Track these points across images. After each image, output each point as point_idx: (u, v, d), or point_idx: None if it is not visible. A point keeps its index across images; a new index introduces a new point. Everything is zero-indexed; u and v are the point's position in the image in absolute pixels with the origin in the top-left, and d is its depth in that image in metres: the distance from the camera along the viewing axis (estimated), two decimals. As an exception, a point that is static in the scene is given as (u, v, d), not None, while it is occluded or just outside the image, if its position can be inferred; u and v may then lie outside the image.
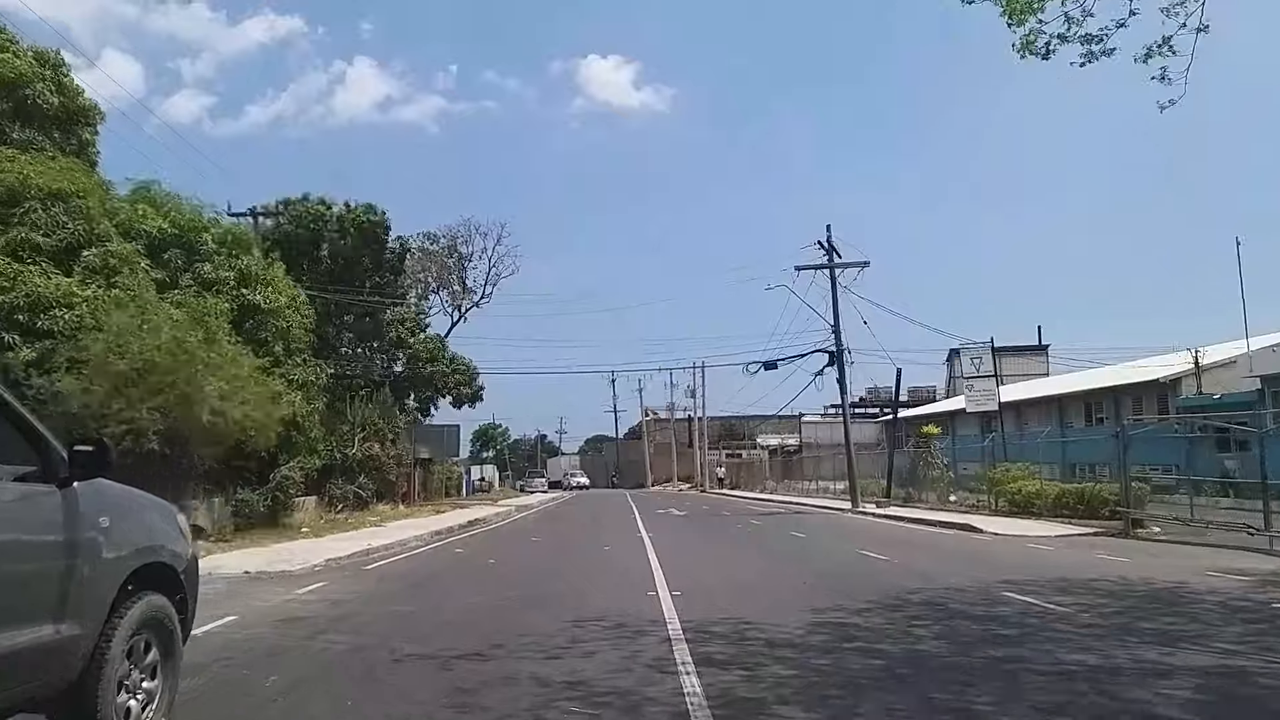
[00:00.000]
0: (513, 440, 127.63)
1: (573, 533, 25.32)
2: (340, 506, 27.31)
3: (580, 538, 23.05)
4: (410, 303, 40.97)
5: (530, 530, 25.91)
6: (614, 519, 31.23)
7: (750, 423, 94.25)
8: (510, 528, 27.39)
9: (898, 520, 26.45)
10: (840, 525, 26.24)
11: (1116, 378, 42.09)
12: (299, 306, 25.49)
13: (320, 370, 25.07)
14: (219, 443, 19.28)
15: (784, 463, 73.31)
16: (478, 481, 67.65)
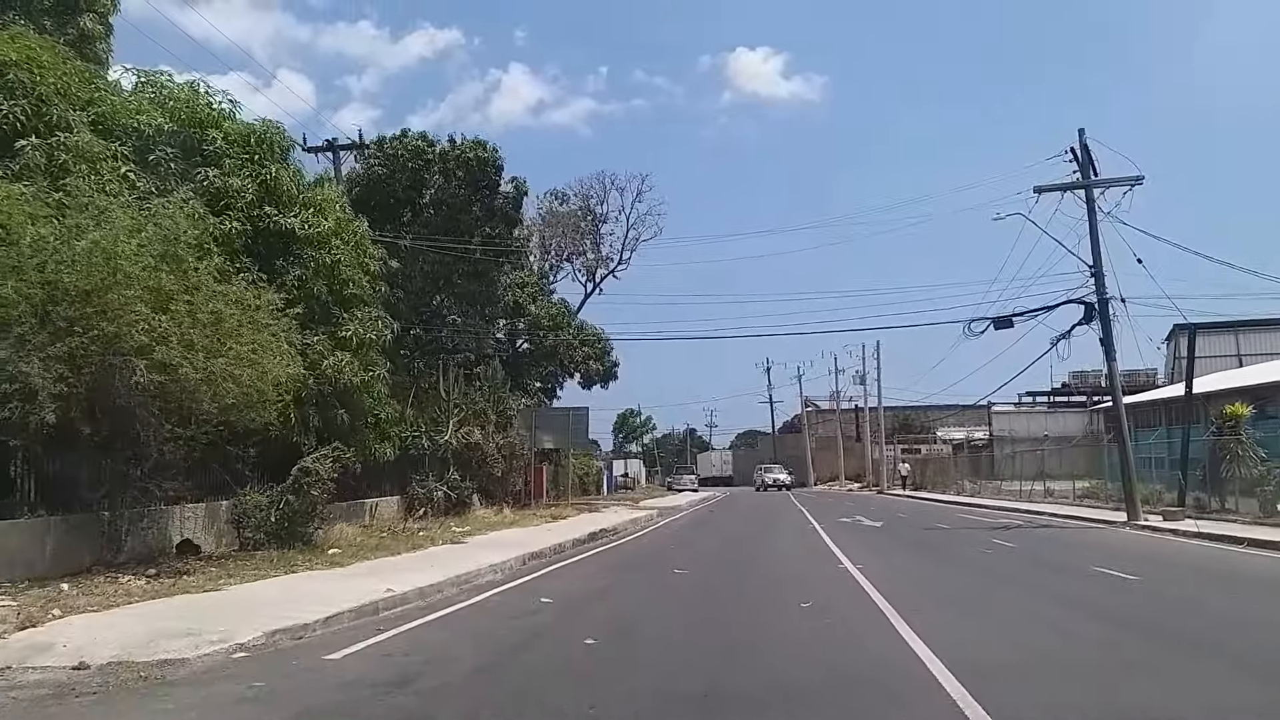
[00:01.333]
0: (659, 435, 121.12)
1: (734, 554, 17.55)
2: (422, 510, 20.43)
3: (747, 566, 15.28)
4: (531, 259, 34.16)
5: (672, 550, 18.23)
6: (786, 530, 23.28)
7: (928, 414, 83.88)
8: (645, 544, 19.86)
9: (1241, 546, 17.22)
10: (1157, 554, 17.28)
11: None
12: (359, 240, 18.74)
13: (383, 325, 18.21)
14: (209, 417, 12.51)
15: (971, 459, 63.10)
16: (620, 478, 60.77)
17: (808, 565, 15.16)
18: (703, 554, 17.38)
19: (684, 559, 16.24)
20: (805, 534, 22.23)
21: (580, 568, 14.87)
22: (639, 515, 27.30)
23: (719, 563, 16.03)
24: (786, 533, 22.85)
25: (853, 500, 45.63)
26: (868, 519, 27.55)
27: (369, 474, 20.00)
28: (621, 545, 18.79)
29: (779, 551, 18.14)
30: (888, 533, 22.80)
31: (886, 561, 15.58)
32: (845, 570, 13.90)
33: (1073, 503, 32.20)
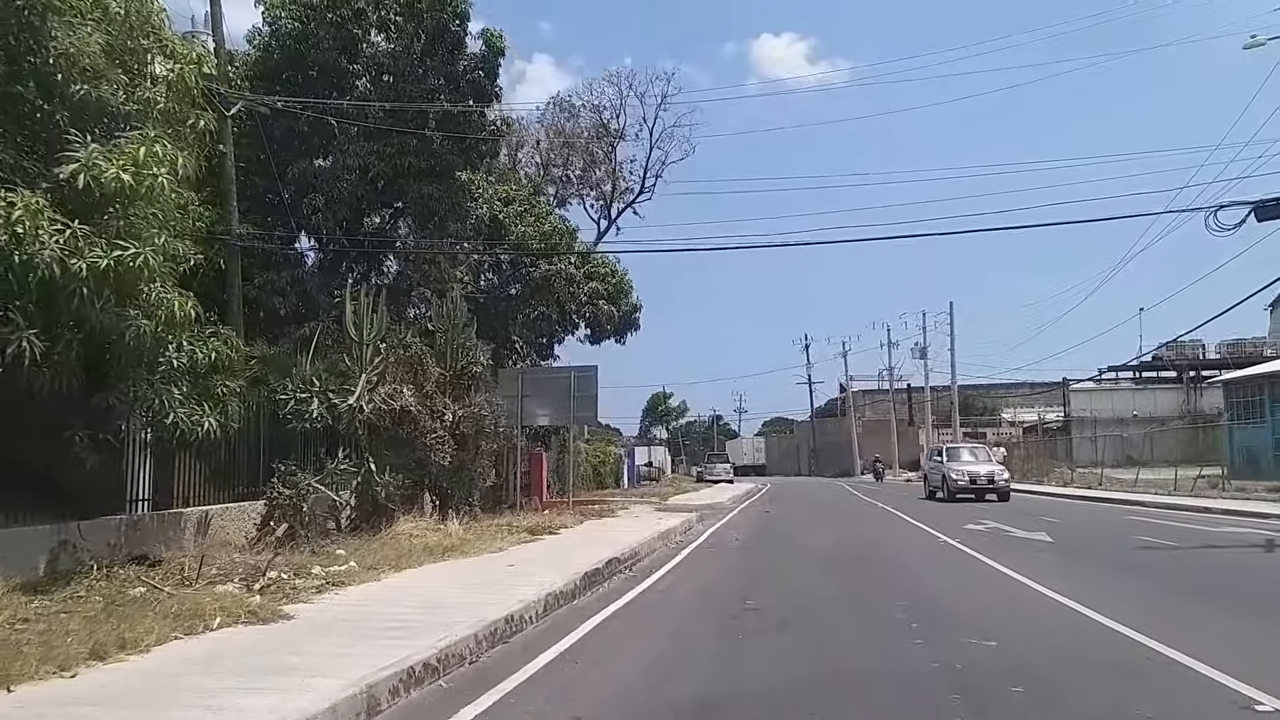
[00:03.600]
0: (684, 422, 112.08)
1: (882, 619, 8.17)
2: (284, 529, 11.28)
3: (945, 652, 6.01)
4: (514, 157, 25.01)
5: (767, 636, 8.73)
6: (915, 549, 14.01)
7: (990, 394, 74.19)
8: (690, 608, 10.11)
9: None
10: None
11: None
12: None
13: (182, 161, 9.09)
14: None
15: (1045, 444, 53.74)
16: (643, 468, 51.61)
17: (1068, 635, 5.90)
18: (832, 630, 8.08)
19: (804, 648, 6.99)
20: (961, 562, 12.97)
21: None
22: (670, 524, 18.06)
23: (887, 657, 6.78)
24: (925, 556, 13.62)
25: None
26: (1019, 529, 18.19)
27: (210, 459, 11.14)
28: (645, 613, 9.35)
29: (973, 601, 8.91)
30: (1092, 558, 13.49)
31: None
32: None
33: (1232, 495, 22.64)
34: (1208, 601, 9.47)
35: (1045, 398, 70.80)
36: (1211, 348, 63.39)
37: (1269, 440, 42.40)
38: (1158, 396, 63.46)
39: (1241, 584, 10.71)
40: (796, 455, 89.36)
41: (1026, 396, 72.06)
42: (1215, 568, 12.29)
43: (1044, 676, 6.11)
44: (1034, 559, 13.23)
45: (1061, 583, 10.27)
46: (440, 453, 14.43)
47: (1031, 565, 12.37)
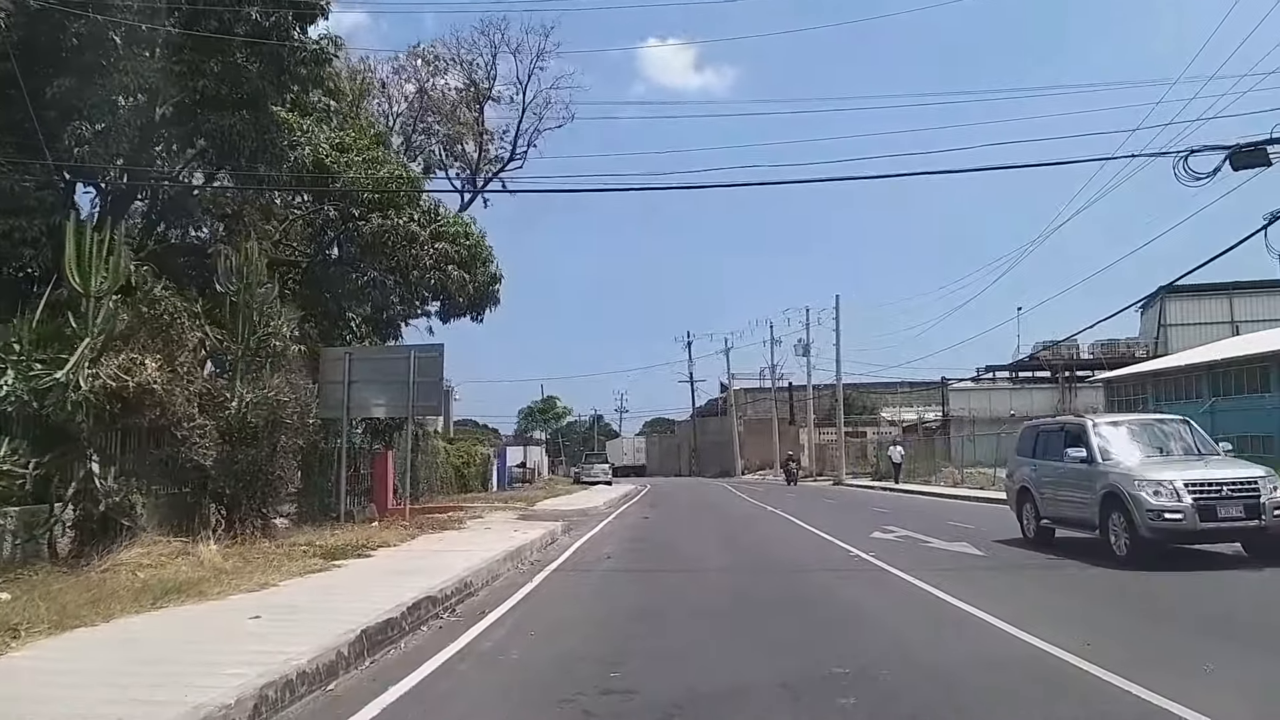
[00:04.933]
0: (564, 424, 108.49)
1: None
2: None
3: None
4: (354, 105, 21.04)
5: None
6: (839, 572, 10.89)
7: (870, 393, 73.40)
8: (519, 694, 6.25)
9: None
10: None
11: None
12: None
13: None
14: None
15: (926, 443, 52.69)
16: (517, 469, 47.80)
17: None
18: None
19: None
20: (890, 586, 9.97)
21: None
22: (528, 537, 14.58)
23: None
24: (850, 581, 10.55)
25: (829, 496, 33.82)
26: (934, 538, 15.50)
27: None
28: (441, 700, 5.73)
29: (956, 668, 5.75)
30: (1039, 577, 10.68)
31: None
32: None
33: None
34: (1230, 641, 6.65)
35: (924, 397, 70.49)
36: (1085, 348, 63.89)
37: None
38: (1034, 396, 63.56)
39: (1243, 611, 8.01)
40: (678, 455, 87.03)
41: (906, 396, 71.63)
42: (1194, 593, 9.64)
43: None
44: (981, 582, 10.37)
45: (1048, 626, 7.31)
46: (200, 449, 10.53)
47: (985, 593, 9.48)
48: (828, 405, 61.96)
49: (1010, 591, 9.80)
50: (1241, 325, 56.02)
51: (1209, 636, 7.13)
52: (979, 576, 10.94)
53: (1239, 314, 57.88)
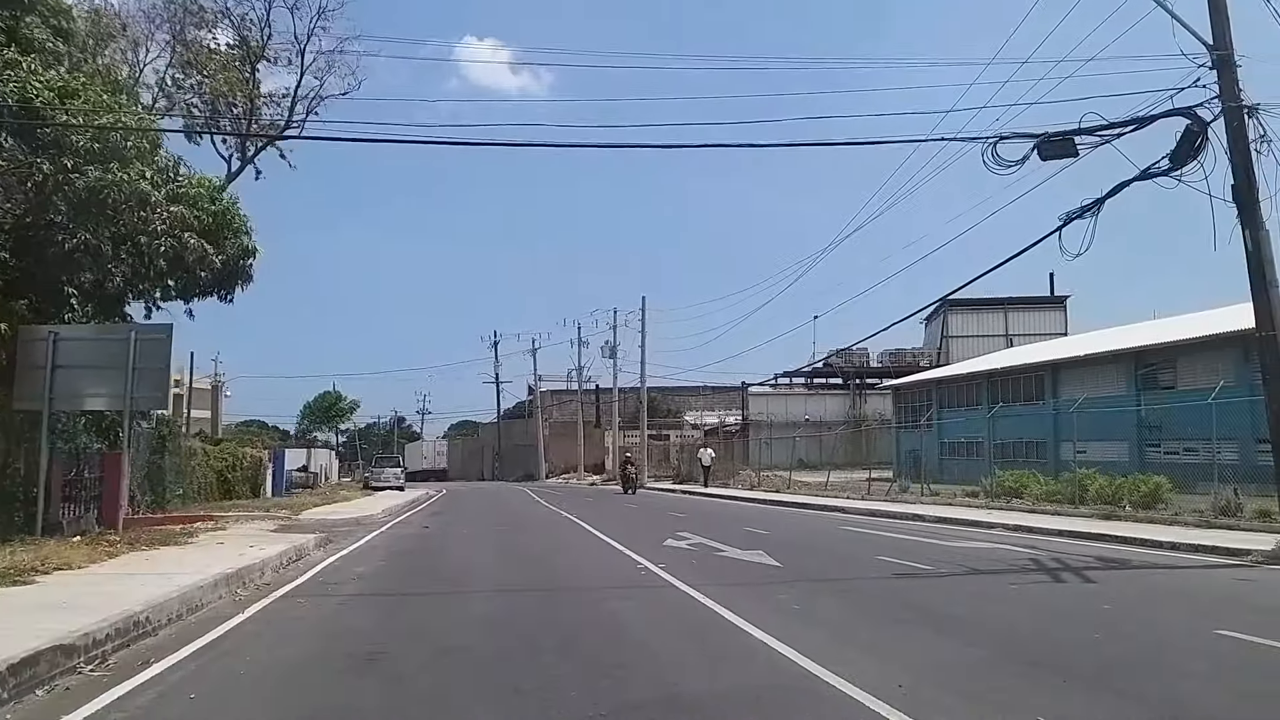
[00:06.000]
0: (363, 425, 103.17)
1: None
2: None
3: None
4: (90, 52, 17.81)
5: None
6: (624, 595, 9.40)
7: (675, 396, 73.64)
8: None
9: None
10: None
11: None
12: None
13: None
14: None
15: (727, 446, 53.09)
16: (297, 473, 43.99)
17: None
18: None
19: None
20: (682, 610, 8.59)
21: None
22: (268, 553, 12.29)
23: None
24: (629, 600, 9.09)
25: (631, 501, 32.74)
26: (731, 546, 14.43)
27: None
28: None
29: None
30: (845, 595, 9.63)
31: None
32: None
33: (944, 501, 21.01)
34: (1091, 680, 5.65)
35: (726, 400, 71.49)
36: (875, 356, 66.60)
37: (935, 443, 43.82)
38: (827, 402, 65.72)
39: (1086, 638, 7.14)
40: (481, 458, 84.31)
41: (709, 399, 72.38)
42: (1022, 608, 8.85)
43: None
44: (770, 598, 9.20)
45: (864, 660, 6.10)
46: None
47: (774, 611, 8.29)
48: (633, 408, 61.52)
49: (800, 608, 8.66)
50: (1015, 338, 60.06)
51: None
52: (769, 592, 9.79)
53: (1013, 328, 61.96)
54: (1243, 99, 11.88)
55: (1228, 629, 7.17)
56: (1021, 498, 21.63)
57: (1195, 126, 11.93)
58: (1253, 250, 11.80)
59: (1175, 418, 25.35)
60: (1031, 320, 62.18)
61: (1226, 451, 20.93)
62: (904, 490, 27.23)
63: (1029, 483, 21.90)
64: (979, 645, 6.92)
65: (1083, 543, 14.50)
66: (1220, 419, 18.39)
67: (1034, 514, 19.23)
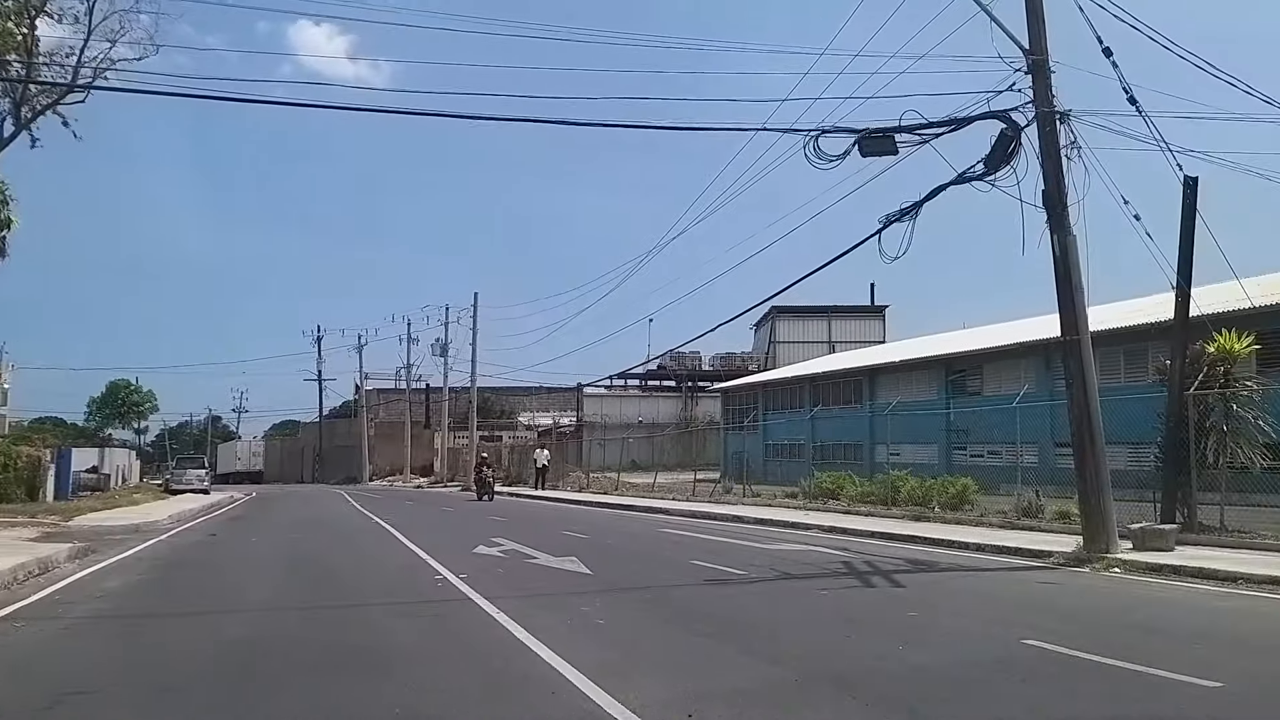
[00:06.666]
0: (175, 424, 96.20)
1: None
2: None
3: None
4: None
5: None
6: (402, 616, 8.39)
7: (509, 397, 72.25)
8: None
9: None
10: None
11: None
12: None
13: None
14: None
15: (560, 447, 52.43)
16: (87, 475, 40.01)
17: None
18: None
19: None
20: (480, 635, 7.70)
21: None
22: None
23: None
24: (427, 621, 8.11)
25: (449, 505, 31.37)
26: (544, 551, 13.62)
27: None
28: None
29: None
30: (648, 605, 8.98)
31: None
32: None
33: (768, 503, 21.14)
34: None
35: (561, 401, 70.73)
36: (707, 360, 67.49)
37: (760, 445, 44.57)
38: (660, 404, 66.00)
39: (891, 652, 6.74)
40: (301, 460, 79.92)
41: (543, 400, 71.40)
42: (829, 616, 8.44)
43: None
44: (574, 611, 8.44)
45: (655, 684, 5.42)
46: None
47: (574, 630, 7.55)
48: (466, 409, 59.73)
49: (603, 622, 7.95)
50: (838, 345, 62.19)
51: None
52: (572, 604, 9.05)
53: (836, 335, 64.15)
54: (1056, 104, 12.10)
55: (1035, 638, 6.93)
56: (838, 499, 21.88)
57: (1010, 131, 12.06)
58: (1060, 255, 12.02)
59: (981, 422, 26.43)
60: (853, 328, 64.57)
61: (1028, 455, 21.91)
62: (727, 491, 27.22)
63: (845, 484, 22.20)
64: (782, 663, 6.38)
65: (893, 544, 14.56)
66: (1023, 423, 19.08)
67: (849, 515, 19.42)
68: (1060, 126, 12.12)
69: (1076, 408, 11.83)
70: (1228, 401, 12.56)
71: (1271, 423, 12.64)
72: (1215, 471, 12.58)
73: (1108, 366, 24.62)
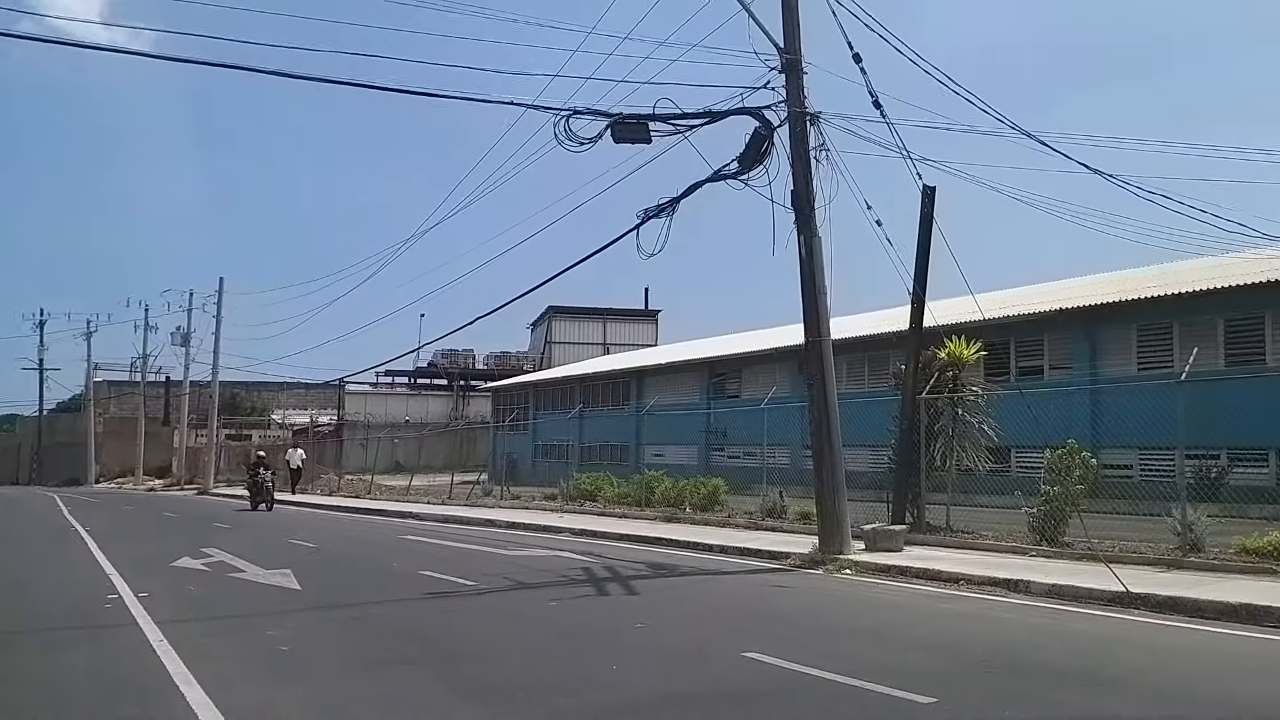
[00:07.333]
0: None
1: None
2: None
3: None
4: None
5: None
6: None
7: (263, 392, 67.31)
8: None
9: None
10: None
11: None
12: None
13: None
14: None
15: (317, 447, 49.38)
16: None
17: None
18: None
19: None
20: (128, 668, 6.29)
21: None
22: None
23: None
24: (76, 650, 6.57)
25: (174, 510, 28.19)
26: (257, 564, 12.08)
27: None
28: None
29: None
30: (353, 631, 7.89)
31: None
32: None
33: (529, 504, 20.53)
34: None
35: (322, 399, 66.71)
36: (481, 358, 65.95)
37: (529, 446, 43.79)
38: (430, 402, 63.69)
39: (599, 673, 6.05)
40: (18, 459, 70.79)
41: (302, 397, 67.06)
42: (551, 633, 7.67)
43: None
44: (264, 647, 7.16)
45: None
46: None
47: (256, 670, 6.35)
48: (207, 404, 54.69)
49: (289, 649, 6.78)
50: (612, 346, 62.56)
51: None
52: (261, 627, 7.80)
53: (611, 337, 64.53)
54: (807, 105, 12.03)
55: (758, 650, 6.45)
56: (596, 500, 21.42)
57: (763, 129, 11.87)
58: (806, 257, 11.96)
59: (738, 423, 26.92)
60: (627, 331, 65.24)
61: (781, 457, 22.37)
62: (487, 494, 26.17)
63: (604, 485, 21.78)
64: (480, 699, 5.49)
65: (641, 547, 14.13)
66: (774, 426, 19.36)
67: (605, 517, 18.96)
68: (811, 128, 12.08)
69: (816, 409, 11.81)
70: (955, 405, 13.05)
71: (995, 427, 13.25)
72: (944, 473, 13.02)
73: (855, 373, 25.82)
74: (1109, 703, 5.30)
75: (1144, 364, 19.42)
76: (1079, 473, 11.13)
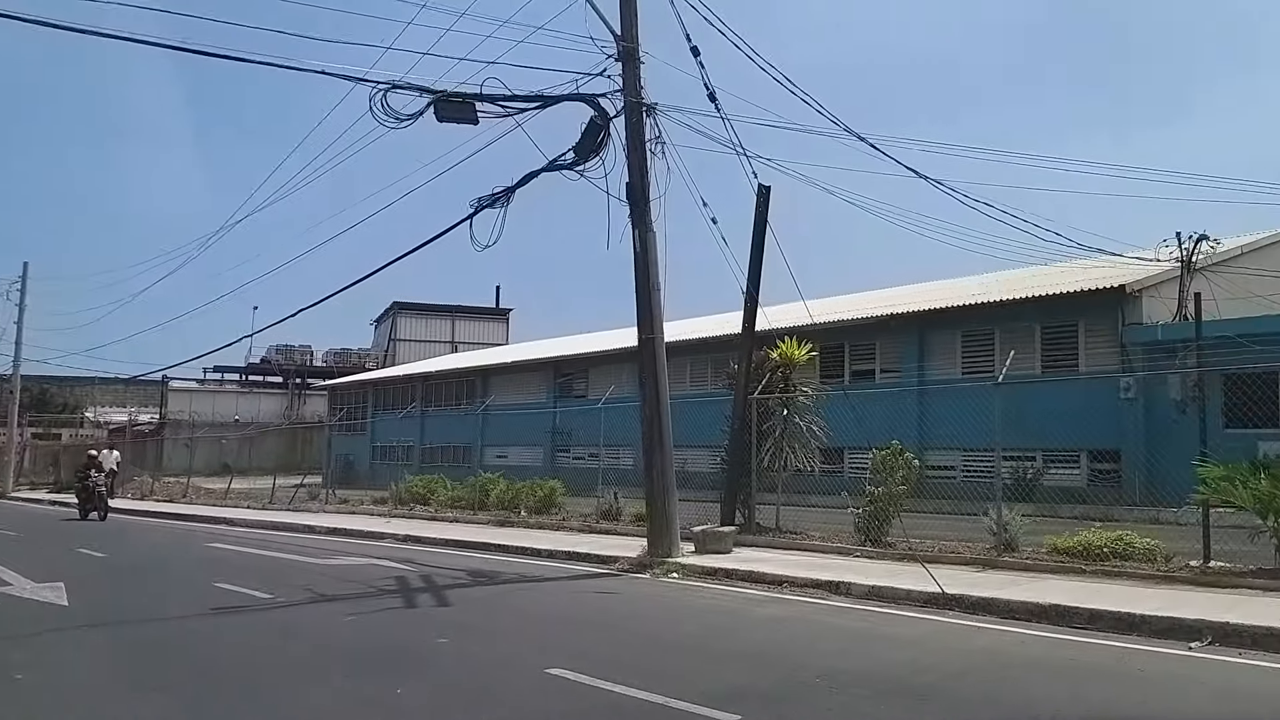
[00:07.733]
0: None
1: None
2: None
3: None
4: None
5: None
6: None
7: (77, 388, 62.19)
8: None
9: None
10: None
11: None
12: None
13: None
14: None
15: (135, 448, 46.00)
16: None
17: None
18: None
19: None
20: None
21: None
22: None
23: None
24: None
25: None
26: (28, 578, 10.71)
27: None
28: None
29: None
30: (120, 647, 6.96)
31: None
32: None
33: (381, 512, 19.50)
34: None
35: (144, 396, 62.21)
36: (320, 355, 63.06)
37: (367, 446, 42.01)
38: (262, 401, 60.38)
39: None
40: None
41: (121, 393, 62.35)
42: (339, 654, 6.94)
43: None
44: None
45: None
46: None
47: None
48: (23, 400, 49.85)
49: (23, 678, 5.82)
50: (461, 345, 61.01)
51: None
52: (3, 650, 6.75)
53: (460, 335, 62.92)
54: (644, 96, 11.66)
55: (565, 666, 5.95)
56: (429, 504, 20.49)
57: (599, 118, 11.43)
58: (640, 251, 11.59)
59: (582, 424, 26.47)
60: (478, 329, 63.84)
61: (625, 458, 22.04)
62: (313, 497, 24.69)
63: (437, 488, 20.87)
64: None
65: (466, 553, 13.43)
66: (616, 426, 18.99)
67: (435, 521, 18.12)
68: (648, 119, 11.73)
69: (649, 408, 11.46)
70: (786, 405, 13.00)
71: (825, 428, 13.27)
72: (775, 473, 12.94)
73: (699, 374, 25.84)
74: (921, 713, 5.08)
75: (968, 369, 20.18)
76: (902, 473, 11.22)
